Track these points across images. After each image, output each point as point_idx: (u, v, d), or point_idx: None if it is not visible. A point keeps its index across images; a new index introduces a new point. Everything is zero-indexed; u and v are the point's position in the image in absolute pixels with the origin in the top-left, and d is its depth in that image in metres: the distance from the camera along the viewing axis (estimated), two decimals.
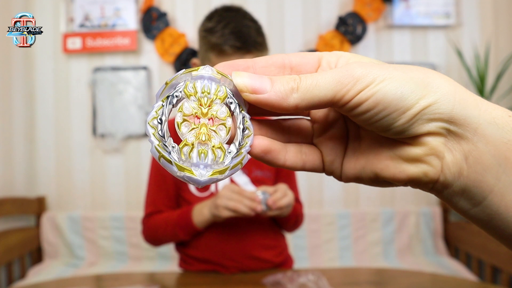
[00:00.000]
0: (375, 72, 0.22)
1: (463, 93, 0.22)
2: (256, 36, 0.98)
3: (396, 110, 0.22)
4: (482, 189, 0.22)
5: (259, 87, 0.23)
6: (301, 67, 0.26)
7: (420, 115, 0.22)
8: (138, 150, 2.07)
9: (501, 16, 2.08)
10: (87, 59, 2.07)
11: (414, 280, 1.03)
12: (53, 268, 1.85)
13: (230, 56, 0.94)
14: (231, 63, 0.26)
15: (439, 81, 0.23)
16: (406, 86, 0.22)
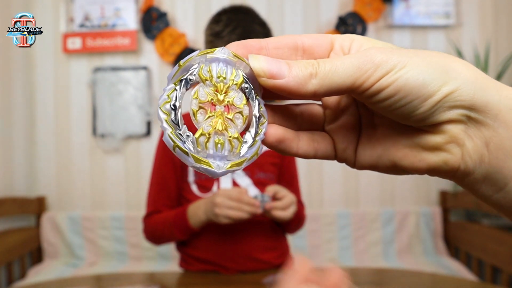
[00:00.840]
0: (396, 58, 0.22)
1: (483, 79, 0.22)
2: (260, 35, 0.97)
3: (418, 97, 0.22)
4: (504, 174, 0.22)
5: (277, 72, 0.22)
6: (313, 49, 0.25)
7: (442, 103, 0.22)
8: (138, 150, 2.07)
9: (501, 16, 2.08)
10: (87, 59, 2.07)
11: (414, 280, 1.03)
12: (53, 268, 1.85)
13: None
14: (244, 43, 0.25)
15: (460, 67, 0.22)
16: (428, 73, 0.21)
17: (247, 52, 0.24)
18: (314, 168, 2.07)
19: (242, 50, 0.24)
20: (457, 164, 0.23)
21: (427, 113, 0.22)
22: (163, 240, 1.03)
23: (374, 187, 2.08)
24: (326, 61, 0.23)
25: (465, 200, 1.86)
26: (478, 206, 1.75)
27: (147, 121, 2.05)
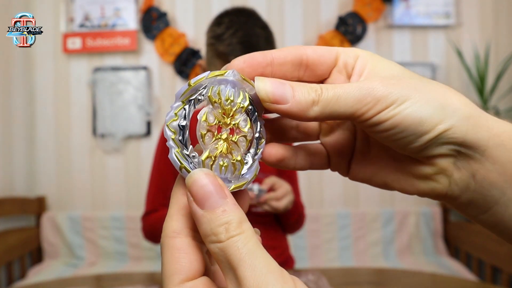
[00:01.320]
0: (397, 92, 0.23)
1: (477, 117, 0.23)
2: (265, 46, 0.96)
3: (414, 133, 0.23)
4: (487, 201, 0.24)
5: (280, 97, 0.23)
6: (316, 66, 0.26)
7: (436, 139, 0.23)
8: (138, 150, 2.07)
9: (501, 16, 2.08)
10: (87, 59, 2.07)
11: (414, 280, 1.03)
12: (53, 268, 1.85)
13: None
14: (251, 60, 0.25)
15: (457, 103, 0.23)
16: (426, 111, 0.22)
17: (253, 70, 0.24)
18: None
19: (248, 70, 0.24)
20: (444, 192, 0.25)
21: (421, 147, 0.23)
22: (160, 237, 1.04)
23: (374, 188, 2.07)
24: (329, 88, 0.23)
25: None
26: None
27: (147, 121, 2.05)
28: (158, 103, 2.07)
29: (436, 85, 0.24)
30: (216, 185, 0.20)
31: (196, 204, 0.20)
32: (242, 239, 0.19)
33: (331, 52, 0.26)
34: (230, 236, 0.19)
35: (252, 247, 0.19)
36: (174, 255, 0.21)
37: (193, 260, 0.21)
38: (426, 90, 0.23)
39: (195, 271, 0.21)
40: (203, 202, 0.20)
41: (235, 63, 0.24)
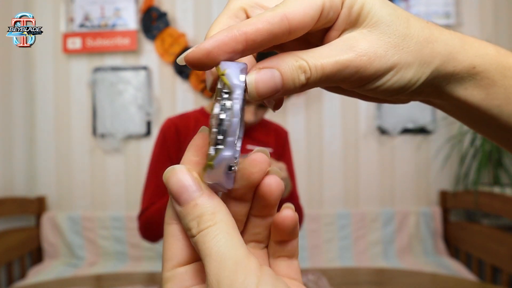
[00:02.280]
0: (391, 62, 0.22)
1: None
2: None
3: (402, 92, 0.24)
4: None
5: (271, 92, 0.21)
6: (302, 31, 0.22)
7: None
8: (138, 150, 2.07)
9: (501, 16, 2.08)
10: (87, 59, 2.07)
11: (414, 280, 1.03)
12: (53, 268, 1.85)
13: None
14: (218, 43, 0.20)
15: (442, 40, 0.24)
16: (415, 77, 0.23)
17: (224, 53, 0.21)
18: (314, 168, 2.07)
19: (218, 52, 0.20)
20: None
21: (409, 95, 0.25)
22: (158, 232, 1.02)
23: (374, 187, 2.08)
24: (316, 58, 0.21)
25: (465, 200, 1.86)
26: (478, 206, 1.75)
27: (147, 121, 2.05)
28: (158, 103, 2.07)
29: (430, 33, 0.24)
30: (188, 180, 0.20)
31: (174, 200, 0.20)
32: (212, 232, 0.19)
33: (315, 7, 0.21)
34: (200, 230, 0.19)
35: (222, 239, 0.19)
36: (169, 241, 0.21)
37: (185, 246, 0.21)
38: (419, 46, 0.23)
39: (187, 257, 0.21)
40: (178, 198, 0.20)
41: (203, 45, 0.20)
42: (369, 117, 2.08)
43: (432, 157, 2.06)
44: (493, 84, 0.25)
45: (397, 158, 2.08)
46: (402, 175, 2.09)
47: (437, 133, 2.06)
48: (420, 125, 2.03)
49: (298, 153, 1.96)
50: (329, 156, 2.06)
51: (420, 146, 2.07)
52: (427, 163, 2.08)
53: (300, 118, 2.06)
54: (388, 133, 2.05)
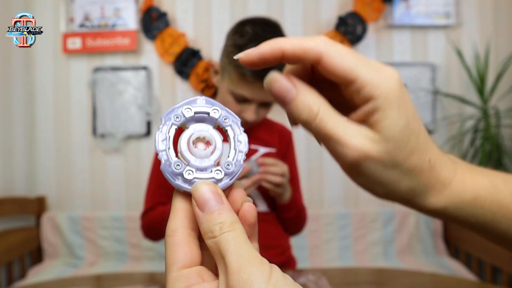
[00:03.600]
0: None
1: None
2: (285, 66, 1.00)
3: None
4: None
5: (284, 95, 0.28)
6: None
7: None
8: (138, 150, 2.07)
9: (501, 16, 2.08)
10: (87, 59, 2.07)
11: (414, 280, 1.03)
12: (53, 268, 1.85)
13: (250, 82, 0.95)
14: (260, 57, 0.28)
15: None
16: None
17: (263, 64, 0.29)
18: (314, 168, 2.07)
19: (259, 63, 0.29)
20: None
21: None
22: (160, 234, 1.04)
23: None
24: (328, 118, 0.27)
25: None
26: None
27: (147, 121, 2.05)
28: (158, 103, 2.07)
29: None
30: (215, 193, 0.24)
31: (198, 208, 0.24)
32: (232, 235, 0.23)
33: (348, 73, 0.25)
34: (222, 233, 0.23)
35: (240, 241, 0.23)
36: (172, 249, 0.24)
37: (188, 252, 0.24)
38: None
39: (191, 261, 0.24)
40: (203, 206, 0.24)
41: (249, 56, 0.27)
42: None
43: None
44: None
45: None
46: None
47: (437, 133, 2.06)
48: None
49: (298, 153, 1.96)
50: (329, 156, 2.05)
51: None
52: None
53: None
54: None
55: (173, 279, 0.23)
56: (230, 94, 0.99)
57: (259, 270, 0.21)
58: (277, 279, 0.21)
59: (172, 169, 0.26)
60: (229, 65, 0.98)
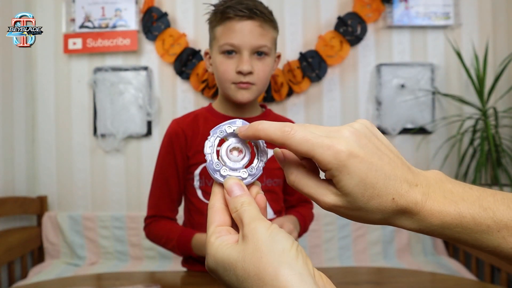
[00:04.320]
0: None
1: None
2: (263, 8, 0.98)
3: None
4: None
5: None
6: None
7: None
8: (139, 150, 2.08)
9: (500, 17, 2.08)
10: (88, 60, 2.07)
11: (413, 279, 1.04)
12: (54, 268, 1.86)
13: (233, 21, 0.93)
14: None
15: None
16: None
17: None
18: None
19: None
20: None
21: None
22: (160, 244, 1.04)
23: None
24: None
25: None
26: None
27: (148, 121, 2.06)
28: (158, 104, 2.07)
29: None
30: (239, 184, 0.36)
31: (227, 194, 0.36)
32: (248, 208, 0.34)
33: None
34: (242, 207, 0.34)
35: (253, 211, 0.33)
36: (212, 215, 0.36)
37: (221, 216, 0.36)
38: None
39: (223, 222, 0.35)
40: (230, 193, 0.35)
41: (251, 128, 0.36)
42: (368, 117, 2.08)
43: (431, 157, 2.07)
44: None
45: None
46: None
47: (436, 133, 2.07)
48: (419, 125, 2.04)
49: None
50: None
51: (419, 146, 2.08)
52: (427, 163, 2.09)
53: (300, 118, 2.07)
54: (388, 133, 2.06)
55: (210, 233, 0.34)
56: (220, 54, 0.98)
57: (262, 222, 0.32)
58: (274, 228, 0.32)
59: (213, 167, 0.37)
60: (212, 29, 1.01)
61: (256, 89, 0.99)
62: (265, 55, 0.99)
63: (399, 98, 2.05)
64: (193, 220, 1.05)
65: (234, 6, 0.93)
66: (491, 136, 1.80)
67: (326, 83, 2.08)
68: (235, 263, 0.31)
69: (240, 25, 0.94)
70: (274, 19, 1.02)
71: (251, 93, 0.98)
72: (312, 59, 2.00)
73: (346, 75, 2.09)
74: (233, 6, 0.93)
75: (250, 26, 0.94)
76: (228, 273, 0.31)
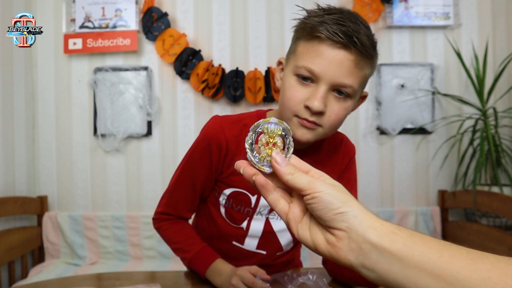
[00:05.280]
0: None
1: (362, 215, 0.40)
2: (366, 37, 0.76)
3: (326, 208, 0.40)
4: (368, 261, 0.38)
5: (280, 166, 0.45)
6: None
7: (338, 216, 0.39)
8: (139, 150, 2.08)
9: (499, 17, 2.08)
10: (88, 60, 2.08)
11: None
12: (55, 268, 1.86)
13: (323, 44, 0.72)
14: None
15: (354, 202, 0.41)
16: (335, 200, 0.40)
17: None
18: None
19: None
20: (342, 256, 0.40)
21: (329, 218, 0.40)
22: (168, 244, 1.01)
23: (373, 187, 2.09)
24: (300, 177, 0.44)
25: (464, 199, 1.87)
26: (476, 206, 1.76)
27: (148, 121, 2.06)
28: (158, 104, 2.08)
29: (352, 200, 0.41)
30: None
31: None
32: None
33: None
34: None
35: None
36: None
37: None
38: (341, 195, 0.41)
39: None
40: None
41: None
42: (368, 117, 2.09)
43: (431, 157, 2.07)
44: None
45: (397, 158, 2.09)
46: (401, 175, 2.10)
47: (436, 133, 2.07)
48: (419, 125, 2.04)
49: None
50: None
51: (419, 146, 2.08)
52: (426, 163, 2.09)
53: None
54: (388, 133, 2.06)
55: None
56: (293, 76, 0.76)
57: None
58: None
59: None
60: (295, 41, 0.79)
61: (323, 132, 0.78)
62: (347, 96, 0.76)
63: (399, 98, 2.05)
64: (203, 226, 1.00)
65: (330, 24, 0.72)
66: (490, 136, 1.80)
67: None
68: None
69: (329, 52, 0.72)
70: (375, 54, 0.82)
71: (313, 135, 0.78)
72: None
73: None
74: (328, 24, 0.72)
75: (341, 57, 0.72)
76: None
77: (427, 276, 0.34)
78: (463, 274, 0.32)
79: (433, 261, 0.34)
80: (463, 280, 0.32)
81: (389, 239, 0.37)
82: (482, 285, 0.31)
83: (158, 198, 1.01)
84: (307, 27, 0.75)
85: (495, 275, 0.31)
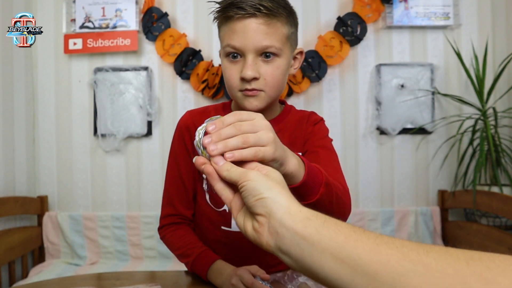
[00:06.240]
0: None
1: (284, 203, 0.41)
2: (270, 1, 0.81)
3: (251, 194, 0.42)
4: (283, 242, 0.40)
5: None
6: None
7: (259, 201, 0.41)
8: (139, 150, 2.08)
9: (499, 17, 2.09)
10: (88, 60, 2.08)
11: None
12: (55, 268, 1.86)
13: (235, 20, 0.81)
14: None
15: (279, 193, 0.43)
16: (260, 186, 0.42)
17: None
18: None
19: None
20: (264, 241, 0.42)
21: (252, 204, 0.42)
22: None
23: (373, 187, 2.09)
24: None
25: (464, 199, 1.87)
26: (476, 206, 1.76)
27: (148, 121, 2.06)
28: (158, 104, 2.08)
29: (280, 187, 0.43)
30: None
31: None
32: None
33: None
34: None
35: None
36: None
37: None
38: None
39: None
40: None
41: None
42: (368, 117, 2.09)
43: (431, 157, 2.07)
44: None
45: (396, 158, 2.09)
46: (401, 175, 2.10)
47: (436, 133, 2.07)
48: (419, 125, 2.04)
49: None
50: None
51: (419, 146, 2.08)
52: (426, 163, 2.09)
53: None
54: (388, 133, 2.06)
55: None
56: (225, 58, 0.86)
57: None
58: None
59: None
60: (218, 30, 0.90)
61: (266, 95, 0.85)
62: (275, 56, 0.83)
63: (398, 98, 2.05)
64: (198, 223, 1.01)
65: (236, 3, 0.81)
66: (490, 136, 1.80)
67: (326, 83, 2.08)
68: None
69: (241, 24, 0.81)
70: (285, 13, 0.85)
71: (260, 101, 0.85)
72: (312, 59, 2.01)
73: (346, 75, 2.09)
74: (235, 3, 0.81)
75: (252, 25, 0.81)
76: None
77: (332, 260, 0.34)
78: (364, 258, 0.32)
79: (339, 246, 0.34)
80: (363, 264, 0.32)
81: (303, 224, 0.38)
82: (380, 268, 0.31)
83: (158, 198, 1.01)
84: (219, 14, 0.87)
85: (395, 259, 0.31)
